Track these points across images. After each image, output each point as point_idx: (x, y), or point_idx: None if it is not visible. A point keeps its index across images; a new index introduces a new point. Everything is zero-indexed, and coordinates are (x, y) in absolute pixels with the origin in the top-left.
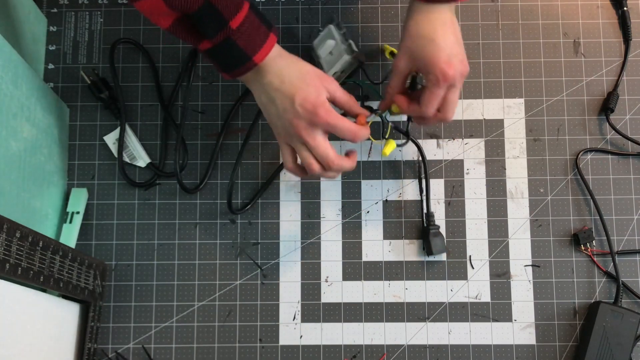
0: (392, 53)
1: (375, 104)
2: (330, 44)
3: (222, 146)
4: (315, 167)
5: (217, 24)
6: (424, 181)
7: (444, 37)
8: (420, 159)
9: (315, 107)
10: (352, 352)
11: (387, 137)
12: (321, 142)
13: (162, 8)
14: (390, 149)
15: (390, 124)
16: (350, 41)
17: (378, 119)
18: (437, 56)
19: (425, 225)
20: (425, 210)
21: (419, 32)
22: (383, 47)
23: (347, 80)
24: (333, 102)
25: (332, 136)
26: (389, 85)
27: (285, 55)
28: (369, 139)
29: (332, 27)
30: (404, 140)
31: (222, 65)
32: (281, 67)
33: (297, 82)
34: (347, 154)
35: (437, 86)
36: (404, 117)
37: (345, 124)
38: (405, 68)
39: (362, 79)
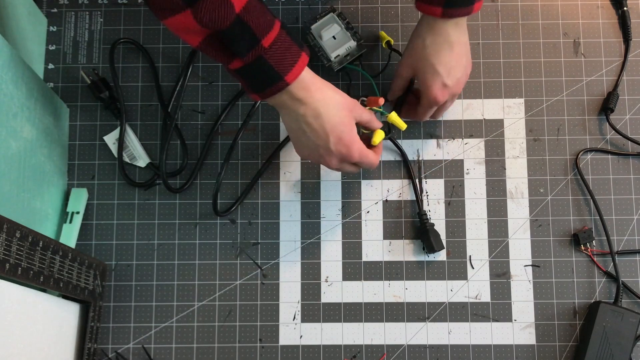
0: (388, 43)
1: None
2: (335, 28)
3: (227, 145)
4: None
5: (249, 42)
6: (421, 181)
7: (444, 63)
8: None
9: (349, 147)
10: (352, 352)
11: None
12: (351, 168)
13: (193, 25)
14: (379, 138)
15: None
16: (354, 29)
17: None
18: (433, 82)
19: (420, 224)
20: (418, 209)
21: (423, 54)
22: (381, 35)
23: (348, 66)
24: (358, 123)
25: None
26: (393, 86)
27: (318, 84)
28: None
29: (333, 15)
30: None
31: (253, 85)
32: (316, 99)
33: (333, 118)
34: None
35: (429, 106)
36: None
37: (370, 158)
38: (406, 77)
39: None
